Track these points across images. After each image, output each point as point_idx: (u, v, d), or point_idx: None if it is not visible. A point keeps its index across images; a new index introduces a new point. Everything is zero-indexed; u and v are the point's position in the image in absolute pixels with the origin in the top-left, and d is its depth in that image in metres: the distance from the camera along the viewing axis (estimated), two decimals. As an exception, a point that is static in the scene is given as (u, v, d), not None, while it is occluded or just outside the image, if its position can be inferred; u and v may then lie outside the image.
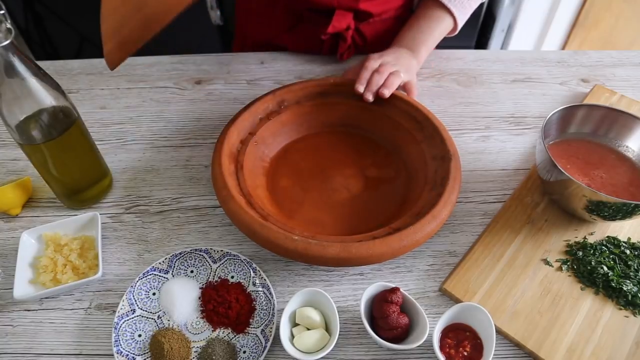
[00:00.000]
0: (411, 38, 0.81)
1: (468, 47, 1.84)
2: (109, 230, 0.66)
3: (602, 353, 0.54)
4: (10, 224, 0.67)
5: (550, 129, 0.67)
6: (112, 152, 0.76)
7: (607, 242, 0.63)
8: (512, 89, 0.86)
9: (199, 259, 0.61)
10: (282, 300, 0.59)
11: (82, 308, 0.59)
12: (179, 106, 0.83)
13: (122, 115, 0.81)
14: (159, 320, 0.56)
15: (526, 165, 0.74)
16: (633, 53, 0.93)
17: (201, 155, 0.75)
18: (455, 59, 0.91)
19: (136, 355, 0.53)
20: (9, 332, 0.57)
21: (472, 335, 0.53)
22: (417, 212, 0.60)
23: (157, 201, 0.69)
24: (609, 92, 0.84)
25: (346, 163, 0.72)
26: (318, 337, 0.53)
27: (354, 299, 0.59)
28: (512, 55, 0.93)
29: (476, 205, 0.69)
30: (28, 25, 1.64)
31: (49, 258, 0.60)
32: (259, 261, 0.62)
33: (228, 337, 0.55)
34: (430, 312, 0.58)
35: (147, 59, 0.91)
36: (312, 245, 0.54)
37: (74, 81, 0.87)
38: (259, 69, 0.89)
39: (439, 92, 0.85)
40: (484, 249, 0.62)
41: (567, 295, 0.58)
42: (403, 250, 0.56)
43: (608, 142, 0.69)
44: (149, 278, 0.59)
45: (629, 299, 0.57)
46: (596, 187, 0.62)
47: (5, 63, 0.50)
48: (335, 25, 0.82)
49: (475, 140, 0.77)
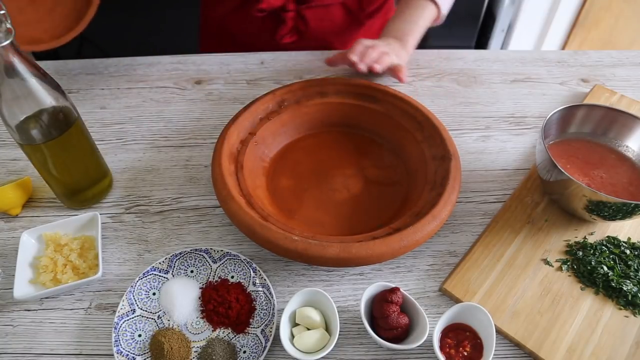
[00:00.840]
0: (397, 29, 0.82)
1: (468, 47, 1.84)
2: (109, 230, 0.66)
3: (602, 353, 0.54)
4: (10, 224, 0.67)
5: (550, 129, 0.67)
6: (112, 152, 0.76)
7: (607, 242, 0.63)
8: (512, 89, 0.86)
9: (199, 259, 0.61)
10: (282, 300, 0.59)
11: (82, 308, 0.59)
12: (179, 106, 0.83)
13: (122, 115, 0.81)
14: (159, 320, 0.56)
15: (526, 165, 0.74)
16: (633, 53, 0.93)
17: (201, 155, 0.75)
18: (455, 59, 0.91)
19: (136, 355, 0.53)
20: (9, 332, 0.57)
21: (472, 335, 0.53)
22: (417, 212, 0.60)
23: (157, 201, 0.69)
24: (609, 92, 0.84)
25: (346, 163, 0.72)
26: (318, 337, 0.53)
27: (354, 299, 0.59)
28: (512, 55, 0.93)
29: (476, 205, 0.69)
30: (28, 25, 1.64)
31: (49, 258, 0.60)
32: (259, 261, 0.62)
33: (228, 337, 0.55)
34: (430, 312, 0.58)
35: (147, 59, 0.91)
36: (312, 245, 0.54)
37: (74, 81, 0.87)
38: (259, 69, 0.89)
39: (439, 92, 0.85)
40: (484, 249, 0.62)
41: (567, 295, 0.58)
42: (403, 250, 0.56)
43: (608, 142, 0.69)
44: (149, 278, 0.59)
45: (629, 299, 0.57)
46: (596, 187, 0.62)
47: (5, 63, 0.50)
48: (269, 1, 0.82)
49: (475, 140, 0.77)
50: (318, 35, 0.79)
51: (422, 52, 0.92)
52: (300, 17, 0.87)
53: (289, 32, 0.88)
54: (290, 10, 0.85)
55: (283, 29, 0.87)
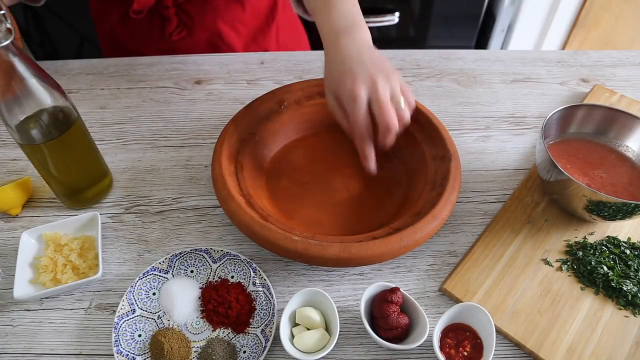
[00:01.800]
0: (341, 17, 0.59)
1: (468, 47, 1.84)
2: (109, 230, 0.66)
3: (602, 353, 0.54)
4: (10, 224, 0.67)
5: (550, 129, 0.67)
6: (112, 152, 0.76)
7: (607, 242, 0.63)
8: (512, 89, 0.86)
9: (199, 259, 0.61)
10: (282, 300, 0.59)
11: (82, 308, 0.59)
12: (179, 106, 0.83)
13: (122, 115, 0.81)
14: (159, 320, 0.56)
15: (526, 165, 0.74)
16: (633, 53, 0.93)
17: (201, 155, 0.75)
18: (455, 59, 0.91)
19: (136, 355, 0.53)
20: (9, 332, 0.57)
21: (472, 335, 0.53)
22: (417, 212, 0.60)
23: (157, 201, 0.69)
24: (609, 92, 0.84)
25: (346, 163, 0.72)
26: (318, 337, 0.53)
27: (354, 299, 0.59)
28: (512, 55, 0.93)
29: (476, 205, 0.69)
30: (28, 25, 1.64)
31: (49, 258, 0.60)
32: (259, 261, 0.62)
33: (228, 337, 0.55)
34: (430, 312, 0.58)
35: (147, 59, 0.91)
36: (312, 246, 0.54)
37: (74, 81, 0.87)
38: (259, 69, 0.89)
39: (439, 92, 0.85)
40: (484, 249, 0.62)
41: (567, 295, 0.58)
42: (403, 250, 0.56)
43: (608, 142, 0.69)
44: (149, 278, 0.59)
45: (629, 299, 0.57)
46: (596, 187, 0.62)
47: (5, 63, 0.50)
48: (140, 2, 0.81)
49: (475, 140, 0.78)
50: (207, 26, 0.76)
51: (422, 52, 0.92)
52: (183, 11, 0.87)
53: (176, 29, 0.88)
54: (169, 6, 0.84)
55: (169, 26, 0.87)
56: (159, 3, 0.84)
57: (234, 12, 0.92)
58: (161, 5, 0.84)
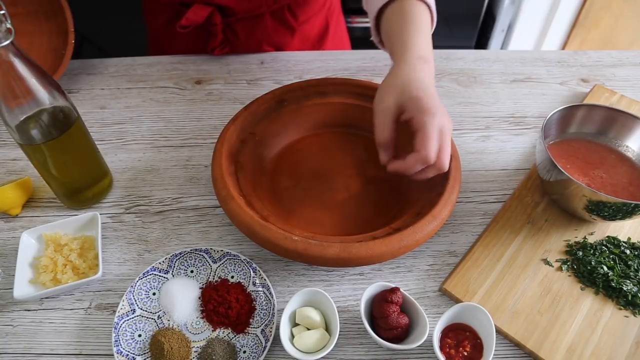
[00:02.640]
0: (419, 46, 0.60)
1: (468, 47, 1.84)
2: (109, 230, 0.66)
3: (602, 353, 0.54)
4: (10, 224, 0.67)
5: (550, 129, 0.67)
6: (112, 152, 0.76)
7: (607, 242, 0.63)
8: (512, 89, 0.86)
9: (199, 259, 0.61)
10: (282, 300, 0.59)
11: (82, 308, 0.59)
12: (179, 106, 0.83)
13: (122, 115, 0.81)
14: (159, 320, 0.56)
15: (526, 165, 0.74)
16: (633, 53, 0.93)
17: (201, 155, 0.75)
18: (455, 59, 0.91)
19: (136, 355, 0.53)
20: (9, 332, 0.57)
21: (472, 335, 0.53)
22: (417, 212, 0.60)
23: (157, 201, 0.69)
24: (609, 92, 0.84)
25: (346, 163, 0.72)
26: (318, 337, 0.53)
27: (354, 299, 0.59)
28: (512, 55, 0.93)
29: (476, 205, 0.69)
30: (28, 25, 1.64)
31: (49, 258, 0.60)
32: (259, 261, 0.62)
33: (228, 337, 0.55)
34: (430, 312, 0.58)
35: (147, 59, 0.91)
36: (312, 246, 0.54)
37: (74, 81, 0.87)
38: (259, 69, 0.89)
39: (439, 92, 0.84)
40: (484, 249, 0.62)
41: (567, 295, 0.58)
42: (403, 250, 0.56)
43: (608, 142, 0.69)
44: (149, 278, 0.59)
45: (629, 299, 0.57)
46: (596, 187, 0.62)
47: (5, 63, 0.50)
48: (189, 18, 0.81)
49: (475, 140, 0.78)
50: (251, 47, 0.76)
51: (422, 52, 0.92)
52: (230, 29, 0.87)
53: (220, 45, 0.88)
54: (216, 23, 0.84)
55: (214, 42, 0.87)
56: (208, 20, 0.84)
57: (282, 37, 0.92)
58: (210, 22, 0.84)
